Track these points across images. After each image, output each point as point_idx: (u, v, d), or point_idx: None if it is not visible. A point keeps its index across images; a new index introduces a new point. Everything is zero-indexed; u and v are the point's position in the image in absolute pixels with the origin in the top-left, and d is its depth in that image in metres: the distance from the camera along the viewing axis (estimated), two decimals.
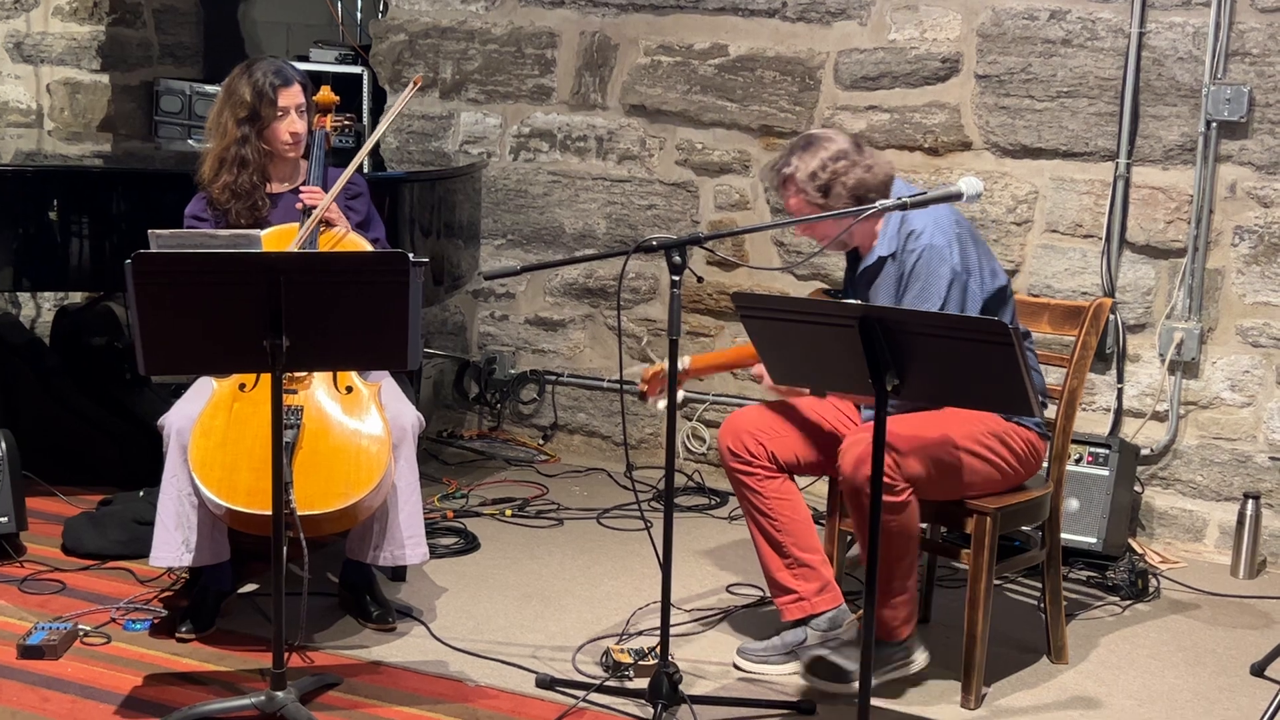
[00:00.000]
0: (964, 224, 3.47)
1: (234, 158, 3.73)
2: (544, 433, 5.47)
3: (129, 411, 4.86)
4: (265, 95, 3.70)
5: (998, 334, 2.74)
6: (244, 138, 3.73)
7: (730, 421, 3.61)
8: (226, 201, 3.74)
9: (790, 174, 3.45)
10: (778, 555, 3.53)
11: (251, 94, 3.71)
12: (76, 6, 5.94)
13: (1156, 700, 3.51)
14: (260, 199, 3.76)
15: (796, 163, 3.44)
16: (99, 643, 3.55)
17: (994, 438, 3.41)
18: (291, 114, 3.74)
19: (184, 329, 2.99)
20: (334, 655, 3.53)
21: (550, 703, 3.33)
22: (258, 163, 3.75)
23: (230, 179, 3.73)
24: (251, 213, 3.75)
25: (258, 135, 3.74)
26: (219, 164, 3.75)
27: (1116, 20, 4.51)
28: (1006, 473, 3.44)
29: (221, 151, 3.75)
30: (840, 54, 4.89)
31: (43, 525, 4.25)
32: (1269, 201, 4.40)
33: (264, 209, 3.77)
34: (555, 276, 5.41)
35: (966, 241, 3.41)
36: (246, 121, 3.73)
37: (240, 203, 3.73)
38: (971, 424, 3.39)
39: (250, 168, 3.74)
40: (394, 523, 3.62)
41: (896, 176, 3.54)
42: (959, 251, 3.37)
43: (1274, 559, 4.46)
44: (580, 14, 5.26)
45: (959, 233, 3.41)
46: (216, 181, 3.75)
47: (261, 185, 3.77)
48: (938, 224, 3.38)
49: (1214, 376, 4.52)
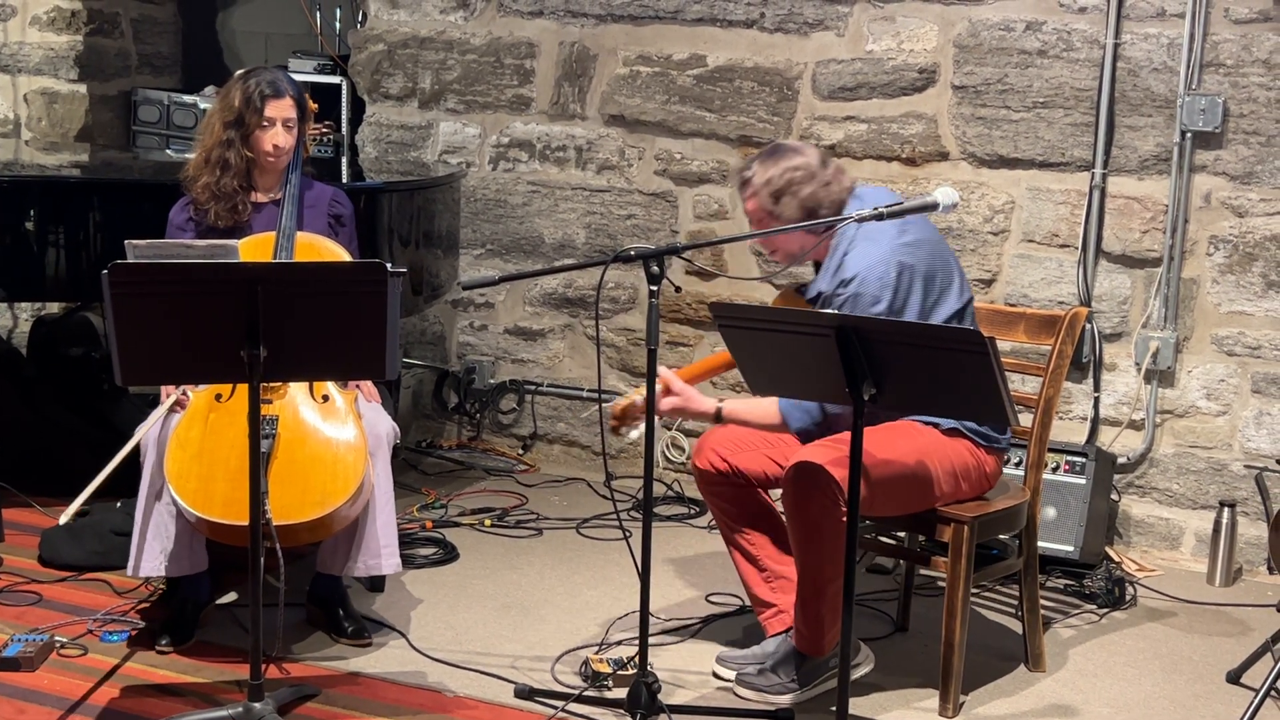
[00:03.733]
0: (921, 253, 3.34)
1: (217, 160, 3.76)
2: (523, 442, 5.47)
3: (106, 422, 4.84)
4: (253, 103, 3.72)
5: (973, 343, 2.75)
6: (229, 141, 3.75)
7: (700, 441, 3.63)
8: (207, 202, 3.76)
9: (749, 178, 3.46)
10: (755, 570, 3.56)
11: (240, 100, 3.74)
12: (54, 16, 5.93)
13: (1133, 708, 3.52)
14: (241, 203, 3.77)
15: (757, 168, 3.45)
16: (76, 654, 3.53)
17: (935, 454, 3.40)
18: (278, 126, 3.74)
19: (161, 339, 2.98)
20: (311, 666, 3.52)
21: (529, 713, 3.33)
22: (240, 167, 3.76)
23: (211, 180, 3.76)
24: (231, 215, 3.76)
25: (242, 141, 3.75)
26: (203, 164, 3.78)
27: (1092, 31, 4.53)
28: (944, 491, 3.42)
29: (206, 152, 3.78)
30: (818, 64, 4.91)
31: (19, 536, 4.24)
32: (1243, 211, 4.43)
33: (245, 213, 3.78)
34: (534, 286, 5.41)
35: (908, 282, 3.31)
36: (232, 126, 3.75)
37: (220, 204, 3.75)
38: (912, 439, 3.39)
39: (232, 171, 3.75)
40: (370, 533, 3.61)
41: (882, 186, 3.55)
42: (889, 298, 3.28)
43: (1250, 567, 4.49)
44: (559, 24, 5.27)
45: (899, 274, 3.29)
46: (199, 181, 3.77)
47: (244, 191, 3.78)
48: (871, 269, 3.29)
49: (1190, 385, 4.54)
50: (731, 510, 3.57)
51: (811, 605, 3.35)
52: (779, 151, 3.47)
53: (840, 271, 3.36)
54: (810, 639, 3.39)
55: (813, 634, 3.38)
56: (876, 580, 4.27)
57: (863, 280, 3.29)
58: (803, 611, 3.38)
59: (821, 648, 3.39)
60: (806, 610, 3.37)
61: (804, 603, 3.37)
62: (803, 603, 3.37)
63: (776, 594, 3.52)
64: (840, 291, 3.33)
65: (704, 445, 3.60)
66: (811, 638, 3.38)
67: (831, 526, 3.22)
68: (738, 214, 5.06)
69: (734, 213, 5.07)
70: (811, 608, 3.35)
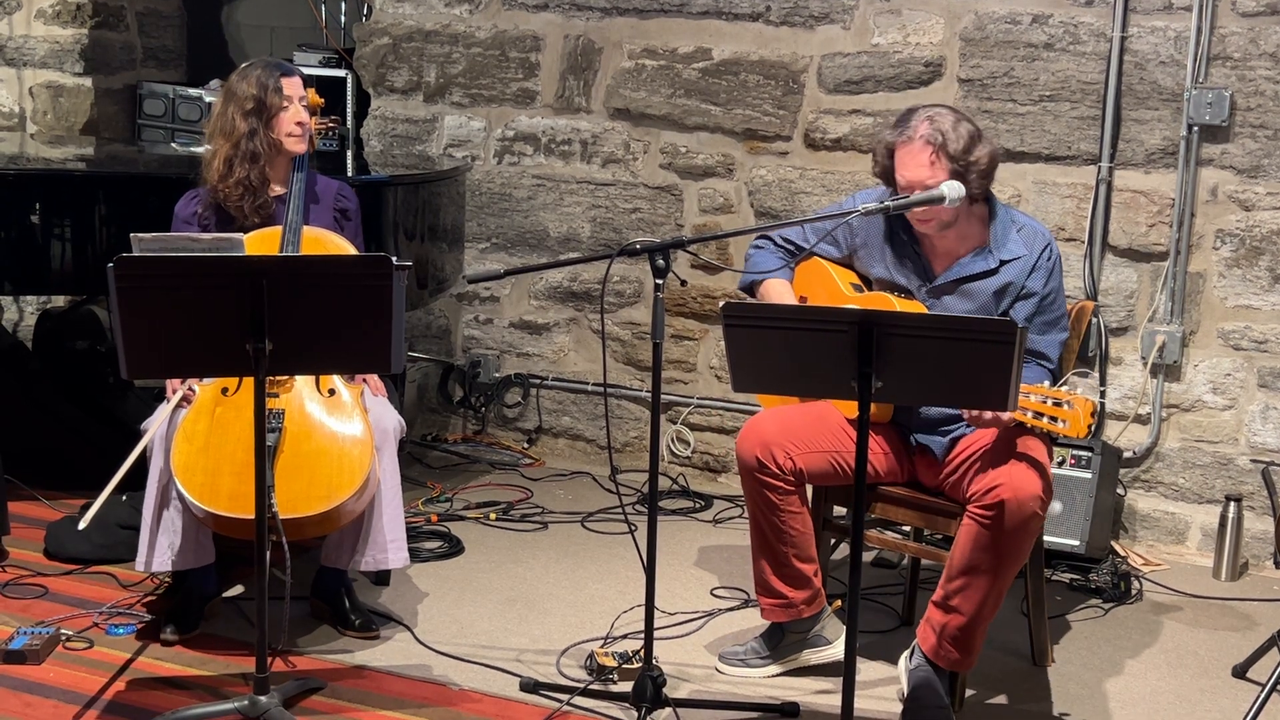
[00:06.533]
0: None
1: (245, 153, 3.72)
2: (528, 436, 5.47)
3: (111, 415, 4.84)
4: (269, 86, 3.72)
5: (1005, 333, 2.73)
6: (253, 131, 3.72)
7: (757, 429, 3.48)
8: (239, 199, 3.72)
9: (935, 138, 3.32)
10: (776, 562, 3.50)
11: (256, 87, 3.73)
12: (59, 10, 5.92)
13: (1139, 702, 3.52)
14: (267, 198, 3.76)
15: (948, 130, 3.32)
16: (82, 647, 3.54)
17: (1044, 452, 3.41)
18: (296, 103, 3.75)
19: (166, 333, 2.98)
20: (317, 659, 3.53)
21: (534, 706, 3.33)
22: (269, 156, 3.74)
23: (243, 174, 3.71)
24: (261, 211, 3.74)
25: (266, 127, 3.73)
26: (228, 163, 3.73)
27: (1098, 24, 4.52)
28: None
29: (231, 150, 3.73)
30: (824, 58, 4.90)
31: (25, 529, 4.24)
32: (1250, 205, 4.42)
33: (271, 207, 3.76)
34: (539, 280, 5.41)
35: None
36: (254, 114, 3.72)
37: (251, 200, 3.72)
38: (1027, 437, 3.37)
39: (261, 161, 3.73)
40: (376, 526, 3.61)
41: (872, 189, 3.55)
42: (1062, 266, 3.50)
43: (1256, 561, 4.48)
44: (564, 17, 5.26)
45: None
46: (229, 179, 3.72)
47: (268, 183, 3.77)
48: (1051, 238, 3.48)
49: (1196, 379, 4.53)
50: (776, 507, 3.46)
51: (984, 625, 3.29)
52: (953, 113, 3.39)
53: (1031, 239, 3.43)
54: (969, 659, 3.32)
55: (973, 652, 3.31)
56: (882, 574, 4.27)
57: (1055, 244, 3.45)
58: (971, 631, 3.27)
59: (973, 663, 3.34)
60: (977, 630, 3.28)
61: (977, 624, 3.27)
62: (974, 624, 3.27)
63: (788, 587, 3.50)
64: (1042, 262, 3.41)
65: (766, 436, 3.45)
66: (970, 657, 3.32)
67: (1030, 547, 3.29)
68: (743, 208, 5.06)
69: (739, 206, 5.07)
70: (983, 627, 3.29)
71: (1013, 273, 3.42)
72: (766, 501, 3.46)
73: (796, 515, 3.47)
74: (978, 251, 3.44)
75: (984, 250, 3.43)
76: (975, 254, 3.44)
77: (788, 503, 3.45)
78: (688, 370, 5.21)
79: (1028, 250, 3.42)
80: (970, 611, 3.25)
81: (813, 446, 3.48)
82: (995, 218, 3.45)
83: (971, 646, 3.30)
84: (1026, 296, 3.41)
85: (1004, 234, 3.43)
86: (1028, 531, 3.21)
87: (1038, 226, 3.49)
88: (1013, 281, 3.41)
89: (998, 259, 3.42)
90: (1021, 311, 3.40)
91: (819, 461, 3.48)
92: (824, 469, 3.49)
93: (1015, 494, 3.17)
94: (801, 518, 3.49)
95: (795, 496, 3.46)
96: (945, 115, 3.37)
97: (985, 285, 3.43)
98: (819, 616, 3.53)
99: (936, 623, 3.29)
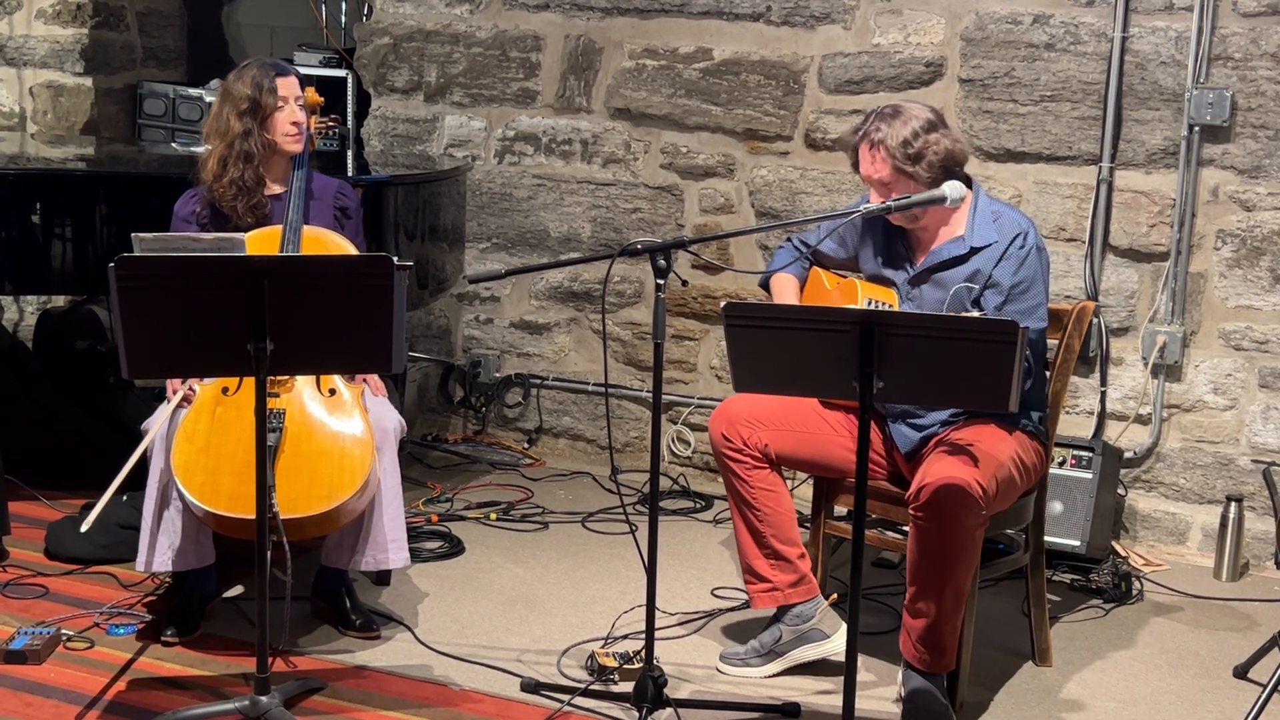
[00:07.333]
0: None
1: (238, 152, 3.72)
2: (529, 436, 5.47)
3: (112, 415, 4.84)
4: (264, 86, 3.72)
5: (1007, 334, 2.73)
6: (247, 131, 3.72)
7: (724, 408, 3.59)
8: (233, 199, 3.72)
9: (880, 138, 3.38)
10: (756, 544, 3.54)
11: (251, 87, 3.73)
12: (60, 9, 5.92)
13: (1140, 703, 3.52)
14: (262, 198, 3.76)
15: (884, 127, 3.39)
16: (82, 647, 3.54)
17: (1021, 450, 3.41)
18: (291, 103, 3.75)
19: (167, 333, 2.98)
20: (318, 660, 3.53)
21: (535, 706, 3.33)
22: (264, 156, 3.74)
23: (237, 174, 3.72)
24: (255, 211, 3.74)
25: (260, 127, 3.73)
26: (222, 163, 3.73)
27: (1099, 25, 4.52)
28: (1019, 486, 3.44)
29: (225, 149, 3.73)
30: (824, 58, 4.90)
31: (25, 529, 4.24)
32: (1251, 205, 4.42)
33: (267, 207, 3.76)
34: (540, 280, 5.40)
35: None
36: (248, 114, 3.72)
37: (245, 200, 3.72)
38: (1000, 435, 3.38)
39: (255, 161, 3.73)
40: (376, 526, 3.61)
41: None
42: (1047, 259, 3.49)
43: (1257, 561, 4.48)
44: (565, 17, 5.26)
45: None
46: (223, 178, 3.73)
47: (263, 183, 3.77)
48: (1032, 227, 3.45)
49: (1197, 380, 4.53)
50: (745, 482, 3.52)
51: (950, 624, 3.27)
52: (900, 113, 3.42)
53: (1005, 228, 3.42)
54: (944, 659, 3.30)
55: (946, 652, 3.30)
56: (882, 574, 4.27)
57: (1036, 235, 3.43)
58: (938, 632, 3.27)
59: (950, 662, 3.32)
60: (944, 630, 3.27)
61: (942, 623, 3.26)
62: (939, 624, 3.26)
63: (773, 571, 3.52)
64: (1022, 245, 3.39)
65: (731, 413, 3.54)
66: (945, 657, 3.30)
67: (978, 540, 3.24)
68: (744, 208, 5.06)
69: (740, 206, 5.07)
70: (950, 626, 3.28)
71: (981, 260, 3.42)
72: (737, 478, 3.53)
73: (769, 493, 3.52)
74: (954, 239, 3.46)
75: (958, 238, 3.45)
76: (950, 241, 3.47)
77: (757, 479, 3.51)
78: (688, 370, 5.21)
79: (999, 238, 3.42)
80: (933, 613, 3.25)
81: (782, 426, 3.53)
82: (977, 207, 3.46)
83: (943, 647, 3.29)
84: (993, 286, 3.40)
85: (981, 222, 3.45)
86: (963, 526, 3.18)
87: (1018, 216, 3.48)
88: (980, 269, 3.42)
89: (968, 245, 3.43)
90: (991, 301, 3.40)
91: (789, 441, 3.53)
92: (795, 450, 3.54)
93: (943, 489, 3.16)
94: (775, 496, 3.52)
95: (765, 473, 3.51)
96: (890, 113, 3.43)
97: (956, 273, 3.44)
98: (813, 607, 3.53)
99: (908, 627, 3.32)
